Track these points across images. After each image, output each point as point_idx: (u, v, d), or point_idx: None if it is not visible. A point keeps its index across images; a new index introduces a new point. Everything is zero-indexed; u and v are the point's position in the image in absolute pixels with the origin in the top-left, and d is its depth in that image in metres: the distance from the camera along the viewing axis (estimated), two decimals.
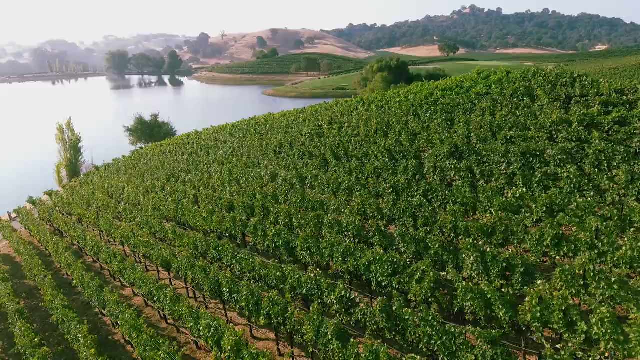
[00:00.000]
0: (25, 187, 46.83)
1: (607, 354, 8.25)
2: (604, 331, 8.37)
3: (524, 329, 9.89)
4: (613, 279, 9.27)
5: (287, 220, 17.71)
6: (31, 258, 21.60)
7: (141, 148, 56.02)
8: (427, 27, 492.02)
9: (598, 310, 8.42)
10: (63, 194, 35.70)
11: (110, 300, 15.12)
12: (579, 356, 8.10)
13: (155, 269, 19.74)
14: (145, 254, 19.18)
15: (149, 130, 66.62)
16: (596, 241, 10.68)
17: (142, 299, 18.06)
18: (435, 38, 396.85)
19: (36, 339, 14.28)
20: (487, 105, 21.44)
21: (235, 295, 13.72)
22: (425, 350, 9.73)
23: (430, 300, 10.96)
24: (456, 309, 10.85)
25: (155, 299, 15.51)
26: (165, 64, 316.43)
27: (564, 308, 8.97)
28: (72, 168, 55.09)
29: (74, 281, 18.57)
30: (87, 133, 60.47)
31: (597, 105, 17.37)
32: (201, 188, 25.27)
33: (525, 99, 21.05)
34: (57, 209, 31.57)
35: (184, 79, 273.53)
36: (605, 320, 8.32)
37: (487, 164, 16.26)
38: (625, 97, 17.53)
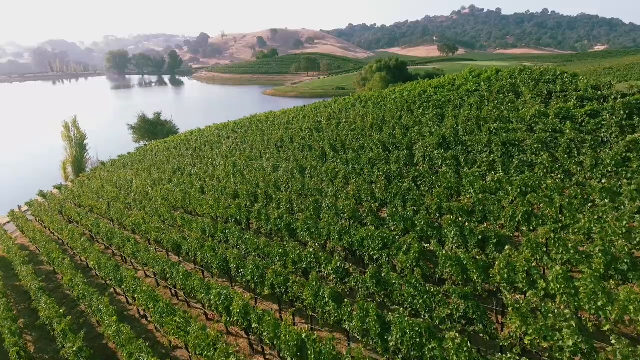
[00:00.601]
0: (31, 184, 48.34)
1: (561, 306, 9.74)
2: (558, 287, 9.89)
3: (494, 290, 11.39)
4: (570, 245, 10.77)
5: (288, 206, 19.19)
6: (48, 244, 23.06)
7: (145, 145, 57.46)
8: (426, 27, 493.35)
9: (554, 270, 9.92)
10: (73, 188, 37.17)
11: (128, 277, 16.59)
12: (537, 306, 9.58)
13: (165, 253, 21.20)
14: (156, 238, 20.65)
15: (152, 128, 68.09)
16: (560, 216, 12.18)
17: (153, 280, 19.52)
18: (434, 38, 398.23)
19: (61, 310, 15.75)
20: (475, 101, 22.96)
21: (242, 270, 15.20)
22: (409, 308, 11.21)
23: (415, 268, 12.44)
24: (438, 276, 12.34)
25: (168, 276, 16.97)
26: (165, 64, 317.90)
27: (526, 269, 10.46)
28: (77, 164, 56.53)
29: (91, 263, 20.01)
30: (90, 131, 61.88)
31: (573, 100, 18.86)
32: (207, 179, 26.74)
33: (510, 95, 22.56)
34: (68, 201, 33.01)
35: (184, 79, 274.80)
36: (559, 277, 9.83)
37: (472, 153, 17.75)
38: (599, 92, 19.02)
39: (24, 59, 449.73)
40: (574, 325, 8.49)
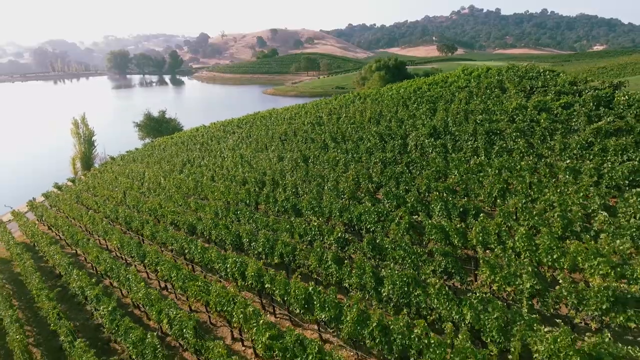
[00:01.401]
0: (40, 179, 50.31)
1: (524, 259, 11.71)
2: (522, 245, 11.88)
3: (472, 254, 13.37)
4: (535, 213, 12.76)
5: (293, 190, 21.16)
6: (71, 227, 25.00)
7: (152, 141, 59.40)
8: (426, 27, 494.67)
9: (519, 230, 11.92)
10: (87, 180, 39.13)
11: (150, 251, 18.55)
12: (506, 263, 11.56)
13: (182, 234, 23.12)
14: (173, 220, 22.62)
15: (157, 126, 70.00)
16: (530, 191, 14.17)
17: (171, 258, 21.46)
18: (434, 38, 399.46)
19: (93, 279, 17.71)
20: (464, 96, 24.95)
21: (253, 243, 17.17)
22: (399, 265, 13.18)
23: (405, 236, 14.42)
24: (425, 242, 14.32)
25: (186, 251, 18.92)
26: (166, 63, 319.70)
27: (497, 232, 12.45)
28: (86, 160, 58.45)
29: (114, 242, 21.96)
30: (95, 128, 63.71)
31: (551, 94, 20.83)
32: (216, 169, 28.70)
33: (496, 90, 24.54)
34: (83, 192, 34.96)
35: (184, 79, 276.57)
36: (523, 236, 11.83)
37: (459, 142, 19.74)
38: (575, 87, 21.00)
39: (25, 59, 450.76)
40: (531, 270, 10.49)
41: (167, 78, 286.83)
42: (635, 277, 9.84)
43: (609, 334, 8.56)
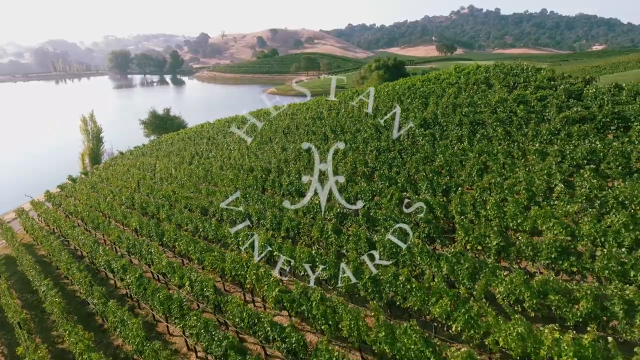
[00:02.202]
0: (49, 175, 52.42)
1: (495, 226, 13.82)
2: (492, 212, 14.02)
3: (451, 225, 15.50)
4: (505, 186, 14.90)
5: (296, 176, 23.29)
6: (92, 213, 27.12)
7: (158, 137, 61.52)
8: (425, 27, 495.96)
9: (490, 201, 14.05)
10: (100, 172, 41.27)
11: (169, 229, 20.67)
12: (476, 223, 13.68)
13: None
14: (186, 205, 24.73)
15: (162, 123, 72.15)
16: (503, 170, 16.30)
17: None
18: (433, 38, 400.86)
19: (118, 253, 19.81)
20: (453, 91, 27.09)
21: (262, 220, 19.30)
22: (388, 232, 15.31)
23: (395, 209, 16.54)
24: (412, 216, 16.43)
25: (200, 230, 21.04)
26: (167, 63, 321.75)
27: (472, 202, 14.59)
28: (94, 156, 60.63)
29: (133, 225, 24.07)
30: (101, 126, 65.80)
31: (531, 88, 22.98)
32: (224, 160, 30.83)
33: (482, 86, 26.69)
34: (97, 183, 37.09)
35: (185, 79, 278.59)
36: (493, 205, 13.97)
37: (446, 131, 21.88)
38: (553, 82, 23.14)
39: (25, 59, 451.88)
40: (497, 230, 12.63)
41: (168, 78, 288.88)
42: (582, 234, 11.97)
43: (553, 274, 10.74)
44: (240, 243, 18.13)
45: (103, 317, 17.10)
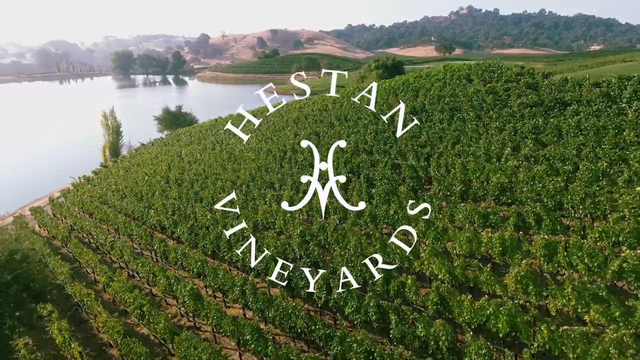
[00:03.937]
0: (72, 165, 57.29)
1: (460, 177, 18.78)
2: (459, 170, 19.03)
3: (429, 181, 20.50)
4: (470, 152, 19.92)
5: (308, 154, 28.27)
6: (134, 188, 32.06)
7: (171, 132, 66.48)
8: (425, 27, 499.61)
9: (457, 162, 19.08)
10: (130, 159, 46.27)
11: (198, 206, 25.60)
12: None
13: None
14: (216, 179, 29.69)
15: (175, 119, 77.14)
16: (471, 142, 21.31)
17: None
18: (432, 38, 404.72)
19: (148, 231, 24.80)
20: (439, 85, 32.13)
21: (283, 186, 24.27)
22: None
23: (388, 174, 21.52)
24: (402, 177, 21.42)
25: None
26: (169, 64, 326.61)
27: (445, 164, 19.60)
28: (114, 149, 65.49)
29: (173, 194, 29.01)
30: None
31: (501, 82, 28.04)
32: (244, 145, 35.84)
33: (464, 80, 31.75)
34: (130, 168, 42.10)
35: (186, 79, 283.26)
36: (460, 165, 19.02)
37: (430, 116, 26.93)
38: (519, 77, 28.23)
39: (27, 60, 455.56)
40: (460, 180, 17.62)
41: (170, 78, 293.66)
42: (518, 180, 16.98)
43: (492, 201, 15.78)
44: (267, 201, 23.09)
45: (162, 258, 22.04)
